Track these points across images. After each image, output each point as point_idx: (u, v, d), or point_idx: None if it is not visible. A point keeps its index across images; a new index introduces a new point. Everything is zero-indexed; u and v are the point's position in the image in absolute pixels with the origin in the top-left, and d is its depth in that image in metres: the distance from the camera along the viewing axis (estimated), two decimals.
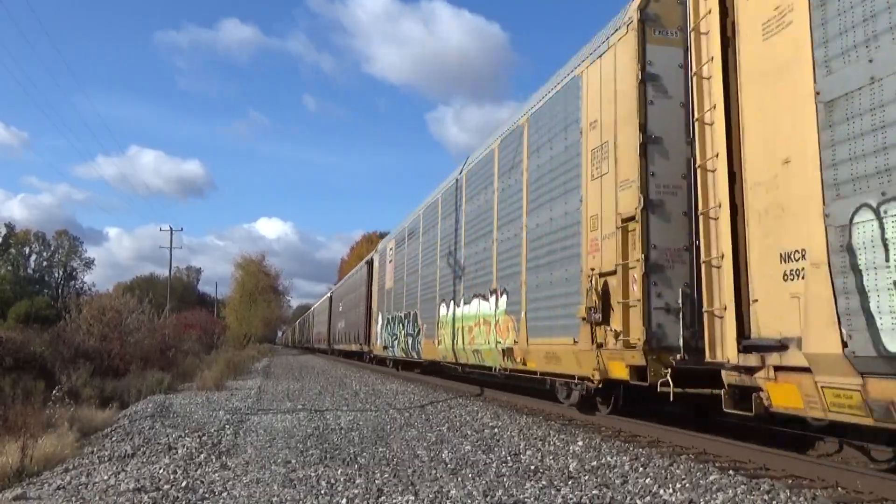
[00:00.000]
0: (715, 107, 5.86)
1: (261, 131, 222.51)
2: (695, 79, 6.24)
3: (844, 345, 4.37)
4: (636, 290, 7.05)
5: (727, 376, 5.69)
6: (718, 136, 5.80)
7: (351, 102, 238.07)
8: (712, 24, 5.95)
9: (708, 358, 5.85)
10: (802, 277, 4.79)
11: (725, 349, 5.58)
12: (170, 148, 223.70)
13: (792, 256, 4.93)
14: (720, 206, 5.74)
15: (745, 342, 5.34)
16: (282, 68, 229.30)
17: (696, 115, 6.20)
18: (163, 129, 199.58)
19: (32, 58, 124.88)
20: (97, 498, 5.19)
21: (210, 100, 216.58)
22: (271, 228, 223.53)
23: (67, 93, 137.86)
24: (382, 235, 49.67)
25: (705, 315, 5.88)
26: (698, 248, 6.13)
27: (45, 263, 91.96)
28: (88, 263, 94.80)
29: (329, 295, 44.20)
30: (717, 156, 5.81)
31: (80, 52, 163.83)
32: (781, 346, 4.94)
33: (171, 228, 51.90)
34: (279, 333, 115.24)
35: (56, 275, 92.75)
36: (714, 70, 5.91)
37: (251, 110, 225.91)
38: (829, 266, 4.50)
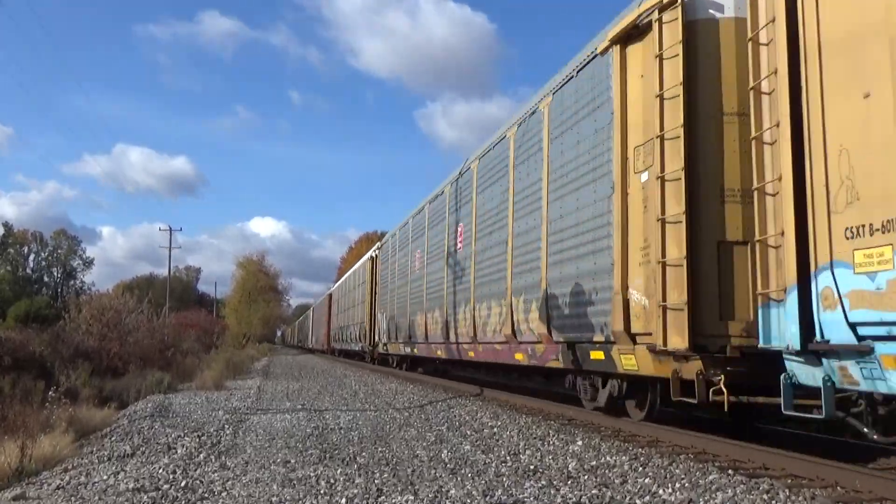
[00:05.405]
0: None
1: (249, 128, 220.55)
2: None
3: None
4: None
5: None
6: None
7: (338, 98, 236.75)
8: None
9: None
10: None
11: None
12: (158, 146, 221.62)
13: None
14: None
15: None
16: (267, 62, 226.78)
17: None
18: (149, 126, 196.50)
19: (15, 52, 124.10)
20: (96, 498, 5.19)
21: (195, 96, 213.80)
22: (265, 227, 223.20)
23: (52, 89, 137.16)
24: (381, 236, 49.55)
25: None
26: None
27: (43, 263, 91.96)
28: (88, 263, 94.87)
29: (369, 255, 26.85)
30: None
31: (61, 47, 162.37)
32: None
33: (170, 228, 51.99)
34: (278, 333, 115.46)
35: (55, 274, 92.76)
36: None
37: (238, 106, 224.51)
38: None
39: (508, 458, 6.67)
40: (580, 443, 7.36)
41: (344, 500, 4.95)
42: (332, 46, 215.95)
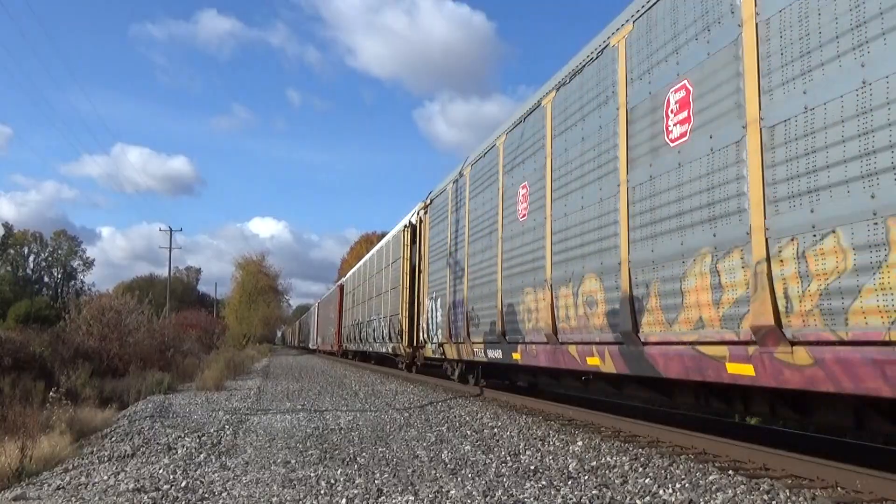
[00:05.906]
0: None
1: (248, 128, 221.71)
2: None
3: None
4: None
5: None
6: None
7: (337, 98, 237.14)
8: None
9: None
10: None
11: None
12: (156, 146, 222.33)
13: None
14: None
15: None
16: (265, 62, 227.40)
17: None
18: (147, 126, 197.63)
19: (15, 52, 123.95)
20: (97, 498, 5.19)
21: (194, 95, 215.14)
22: (265, 228, 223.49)
23: (51, 89, 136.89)
24: (382, 236, 49.56)
25: None
26: None
27: (43, 264, 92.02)
28: (88, 263, 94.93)
29: (406, 222, 19.05)
30: None
31: (60, 47, 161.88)
32: None
33: (170, 229, 52.06)
34: (278, 333, 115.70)
35: (55, 275, 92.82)
36: None
37: (236, 106, 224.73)
38: None
39: (509, 458, 6.67)
40: (580, 443, 7.36)
41: (344, 501, 4.95)
42: (330, 46, 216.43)
